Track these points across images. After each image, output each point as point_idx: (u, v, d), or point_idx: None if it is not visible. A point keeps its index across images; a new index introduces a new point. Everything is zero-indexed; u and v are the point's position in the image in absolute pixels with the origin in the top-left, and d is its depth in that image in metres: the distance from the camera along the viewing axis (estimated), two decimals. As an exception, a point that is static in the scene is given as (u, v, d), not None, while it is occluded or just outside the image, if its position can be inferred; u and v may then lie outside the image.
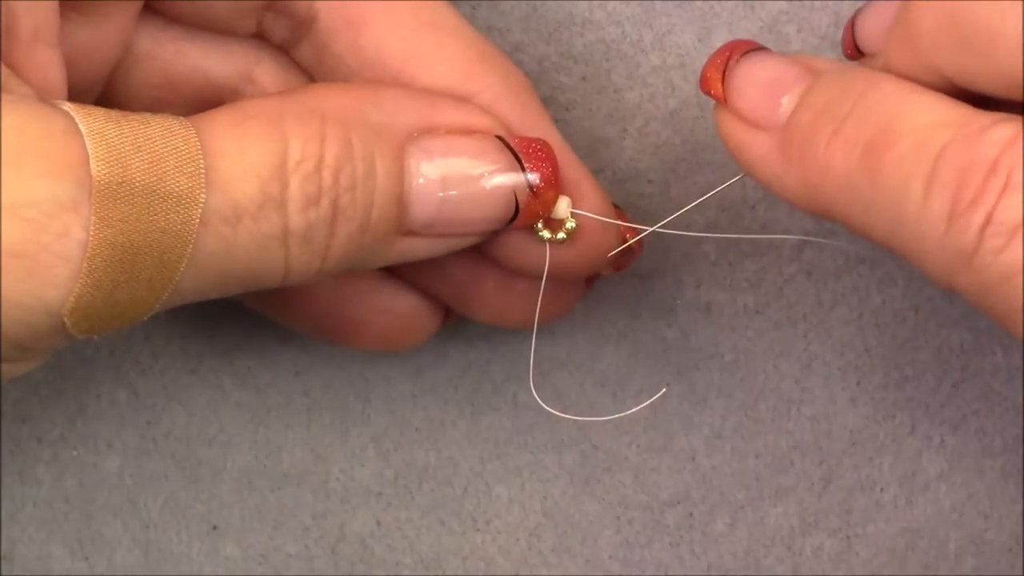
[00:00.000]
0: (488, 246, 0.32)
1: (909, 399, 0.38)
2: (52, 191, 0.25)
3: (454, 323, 0.36)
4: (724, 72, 0.30)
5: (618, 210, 0.33)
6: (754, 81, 0.30)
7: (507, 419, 0.38)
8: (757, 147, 0.29)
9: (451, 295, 0.35)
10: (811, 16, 0.36)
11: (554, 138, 0.32)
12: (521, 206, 0.30)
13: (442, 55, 0.31)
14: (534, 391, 0.34)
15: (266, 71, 0.33)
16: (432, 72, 0.31)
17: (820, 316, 0.38)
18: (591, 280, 0.35)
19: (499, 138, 0.30)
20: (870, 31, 0.30)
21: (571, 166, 0.32)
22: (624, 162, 0.37)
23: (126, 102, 0.32)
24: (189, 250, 0.26)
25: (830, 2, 0.36)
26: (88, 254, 0.25)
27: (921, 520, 0.38)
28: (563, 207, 0.31)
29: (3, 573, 0.37)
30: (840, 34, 0.34)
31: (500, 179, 0.30)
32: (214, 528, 0.38)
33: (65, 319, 0.25)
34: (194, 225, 0.26)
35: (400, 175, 0.29)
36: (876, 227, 0.27)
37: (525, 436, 0.38)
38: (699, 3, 0.36)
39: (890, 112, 0.26)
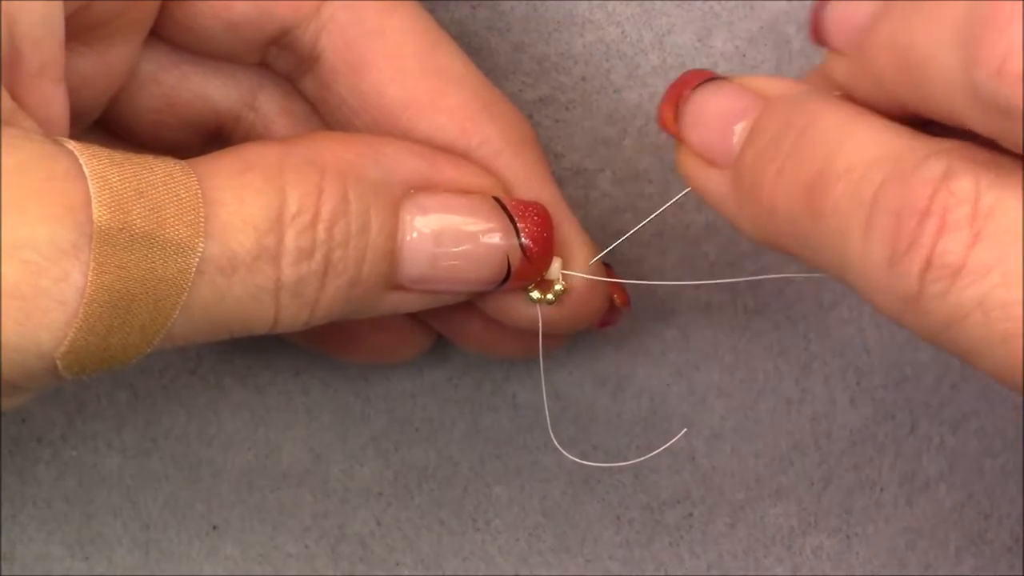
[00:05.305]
0: (478, 299, 0.32)
1: (909, 399, 0.38)
2: (53, 235, 0.24)
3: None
4: (677, 107, 0.29)
5: (607, 268, 0.33)
6: (705, 115, 0.29)
7: (507, 419, 0.38)
8: (714, 188, 0.29)
9: (441, 326, 0.35)
10: (811, 16, 0.36)
11: (551, 196, 0.31)
12: (513, 269, 0.30)
13: (443, 105, 0.31)
14: (553, 436, 0.34)
15: (269, 98, 0.33)
16: (431, 122, 0.31)
17: (820, 316, 0.38)
18: None
19: (496, 199, 0.30)
20: (837, 30, 0.28)
21: (565, 224, 0.32)
22: (624, 162, 0.37)
23: (127, 123, 0.32)
24: (184, 298, 0.26)
25: (830, 2, 0.36)
26: (85, 300, 0.25)
27: (921, 520, 0.38)
28: (555, 269, 0.31)
29: (3, 573, 0.37)
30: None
31: (493, 241, 0.30)
32: (214, 528, 0.38)
33: (57, 361, 0.25)
34: (191, 274, 0.26)
35: (394, 231, 0.29)
36: (827, 267, 0.26)
37: (525, 436, 0.38)
38: (699, 3, 0.36)
39: (827, 151, 0.26)
